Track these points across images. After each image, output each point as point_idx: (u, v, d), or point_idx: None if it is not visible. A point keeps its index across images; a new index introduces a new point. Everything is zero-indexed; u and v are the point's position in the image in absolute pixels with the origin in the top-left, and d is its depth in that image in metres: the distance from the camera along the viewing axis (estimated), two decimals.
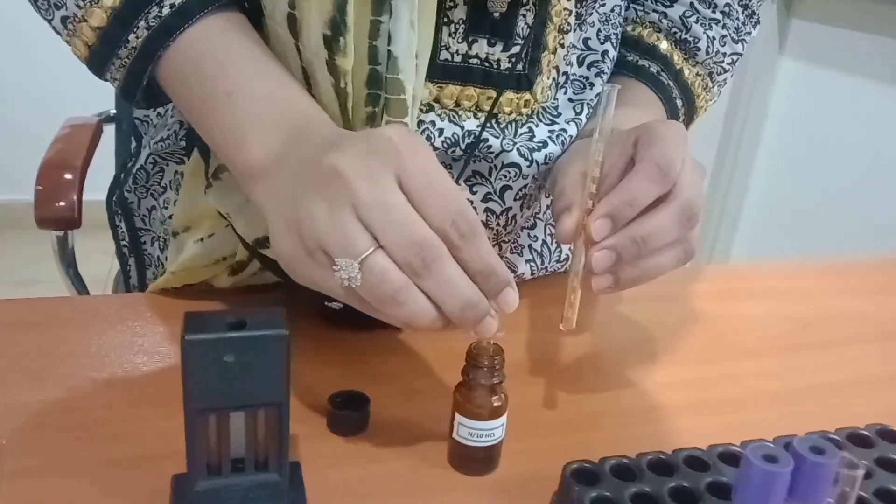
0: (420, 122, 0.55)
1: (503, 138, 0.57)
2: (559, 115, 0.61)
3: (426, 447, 0.48)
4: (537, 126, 0.59)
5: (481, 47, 0.55)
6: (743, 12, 0.71)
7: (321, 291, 0.43)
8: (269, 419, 0.40)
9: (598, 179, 0.49)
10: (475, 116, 0.56)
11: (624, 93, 0.65)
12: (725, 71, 0.71)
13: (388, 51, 0.48)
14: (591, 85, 0.63)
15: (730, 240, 2.10)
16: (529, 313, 0.67)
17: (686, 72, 0.69)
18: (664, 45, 0.68)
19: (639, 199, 0.47)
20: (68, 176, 1.02)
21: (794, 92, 1.91)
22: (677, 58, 0.69)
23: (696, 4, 0.69)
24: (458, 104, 0.56)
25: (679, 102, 0.69)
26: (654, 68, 0.68)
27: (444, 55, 0.54)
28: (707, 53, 0.69)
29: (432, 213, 0.40)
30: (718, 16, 0.69)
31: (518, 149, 0.58)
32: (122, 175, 0.72)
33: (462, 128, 0.56)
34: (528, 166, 0.58)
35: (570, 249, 0.72)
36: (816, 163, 1.84)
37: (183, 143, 0.64)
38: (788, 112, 1.93)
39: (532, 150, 0.58)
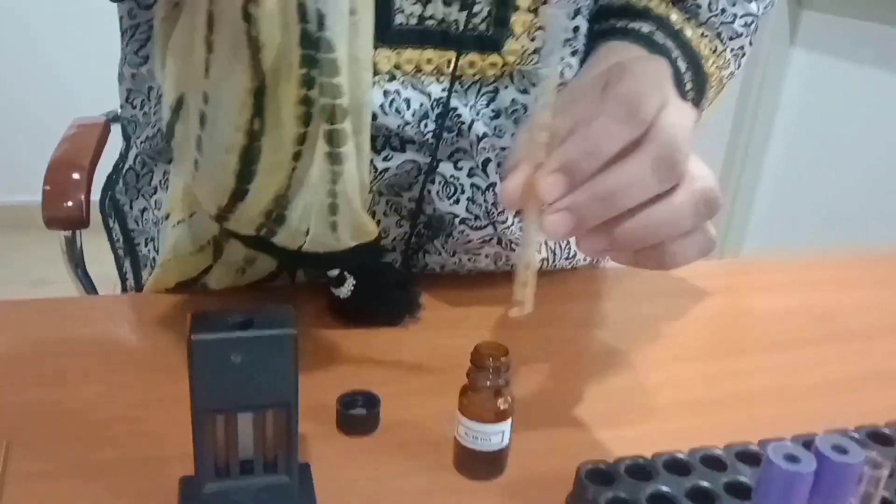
0: (386, 93, 0.54)
1: (469, 105, 0.55)
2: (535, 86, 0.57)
3: (438, 448, 0.47)
4: (506, 88, 0.56)
5: (436, 7, 0.53)
6: None
7: None
8: (277, 420, 0.39)
9: (548, 126, 0.40)
10: (437, 81, 0.55)
11: (605, 55, 0.58)
12: (738, 35, 0.64)
13: (317, 8, 0.45)
14: (569, 66, 0.59)
15: (741, 232, 2.09)
16: (538, 309, 0.66)
17: (688, 31, 0.61)
18: (657, 6, 0.61)
19: (602, 146, 0.38)
20: (76, 176, 1.02)
21: (805, 83, 1.89)
22: (675, 17, 0.61)
23: None
24: (418, 69, 0.54)
25: (682, 65, 0.60)
26: (646, 28, 0.60)
27: (399, 19, 0.53)
28: (710, 10, 0.62)
29: None
30: None
31: (481, 115, 0.55)
32: (114, 176, 0.71)
33: (429, 96, 0.54)
34: (497, 135, 0.56)
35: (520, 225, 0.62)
36: (829, 154, 1.83)
37: None
38: (800, 104, 1.91)
39: (492, 118, 0.56)
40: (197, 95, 0.50)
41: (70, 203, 0.98)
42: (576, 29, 0.59)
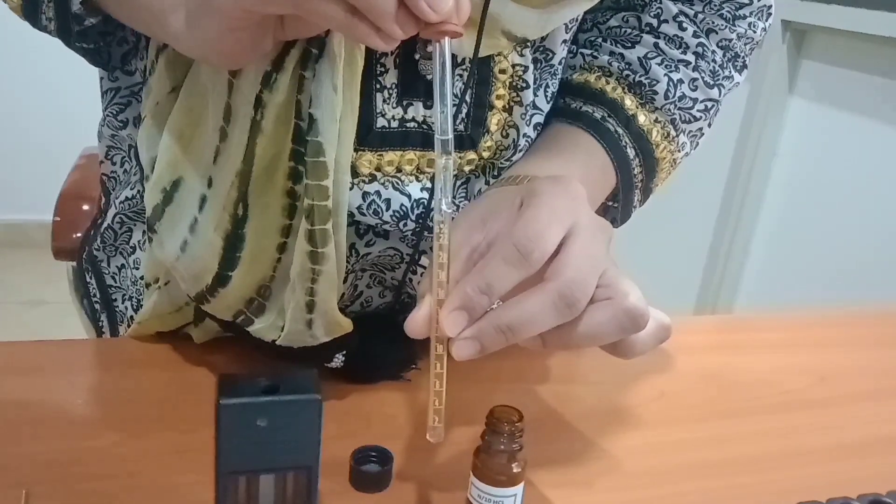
0: (365, 195, 0.54)
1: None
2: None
3: None
4: (477, 177, 0.57)
5: (417, 110, 0.53)
6: (724, 55, 0.64)
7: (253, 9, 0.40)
8: (298, 481, 0.40)
9: (446, 265, 0.42)
10: (417, 179, 0.55)
11: (553, 140, 0.61)
12: (696, 119, 0.64)
13: (310, 113, 0.47)
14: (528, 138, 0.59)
15: (735, 286, 2.07)
16: (547, 364, 0.67)
17: (641, 118, 0.61)
18: (613, 89, 0.62)
19: (495, 286, 0.41)
20: (85, 207, 1.03)
21: (804, 133, 1.92)
22: (630, 102, 0.61)
23: (663, 45, 0.62)
24: (399, 169, 0.54)
25: (631, 152, 0.61)
26: (598, 114, 0.61)
27: (380, 122, 0.53)
28: (666, 98, 0.62)
29: None
30: (690, 57, 0.63)
31: (459, 209, 0.56)
32: (92, 231, 0.71)
33: (409, 196, 0.54)
34: None
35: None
36: (827, 205, 1.84)
37: None
38: (798, 153, 1.93)
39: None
40: (201, 180, 0.51)
41: (79, 234, 0.99)
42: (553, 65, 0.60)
